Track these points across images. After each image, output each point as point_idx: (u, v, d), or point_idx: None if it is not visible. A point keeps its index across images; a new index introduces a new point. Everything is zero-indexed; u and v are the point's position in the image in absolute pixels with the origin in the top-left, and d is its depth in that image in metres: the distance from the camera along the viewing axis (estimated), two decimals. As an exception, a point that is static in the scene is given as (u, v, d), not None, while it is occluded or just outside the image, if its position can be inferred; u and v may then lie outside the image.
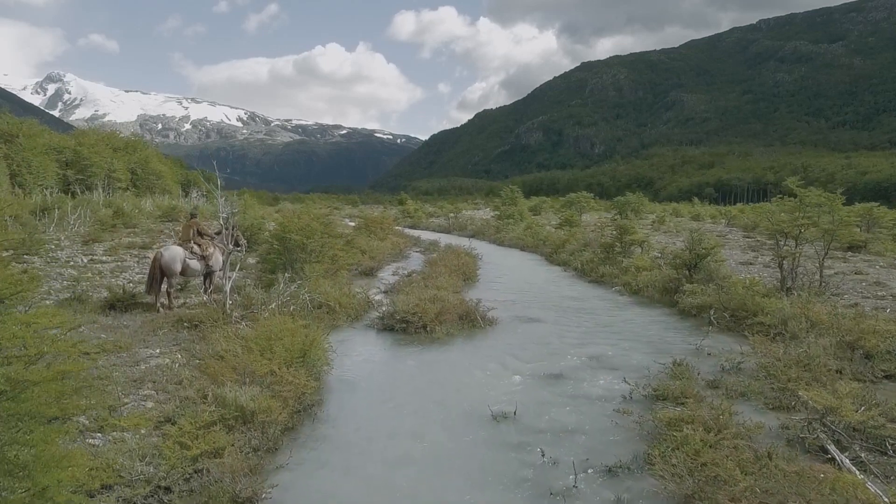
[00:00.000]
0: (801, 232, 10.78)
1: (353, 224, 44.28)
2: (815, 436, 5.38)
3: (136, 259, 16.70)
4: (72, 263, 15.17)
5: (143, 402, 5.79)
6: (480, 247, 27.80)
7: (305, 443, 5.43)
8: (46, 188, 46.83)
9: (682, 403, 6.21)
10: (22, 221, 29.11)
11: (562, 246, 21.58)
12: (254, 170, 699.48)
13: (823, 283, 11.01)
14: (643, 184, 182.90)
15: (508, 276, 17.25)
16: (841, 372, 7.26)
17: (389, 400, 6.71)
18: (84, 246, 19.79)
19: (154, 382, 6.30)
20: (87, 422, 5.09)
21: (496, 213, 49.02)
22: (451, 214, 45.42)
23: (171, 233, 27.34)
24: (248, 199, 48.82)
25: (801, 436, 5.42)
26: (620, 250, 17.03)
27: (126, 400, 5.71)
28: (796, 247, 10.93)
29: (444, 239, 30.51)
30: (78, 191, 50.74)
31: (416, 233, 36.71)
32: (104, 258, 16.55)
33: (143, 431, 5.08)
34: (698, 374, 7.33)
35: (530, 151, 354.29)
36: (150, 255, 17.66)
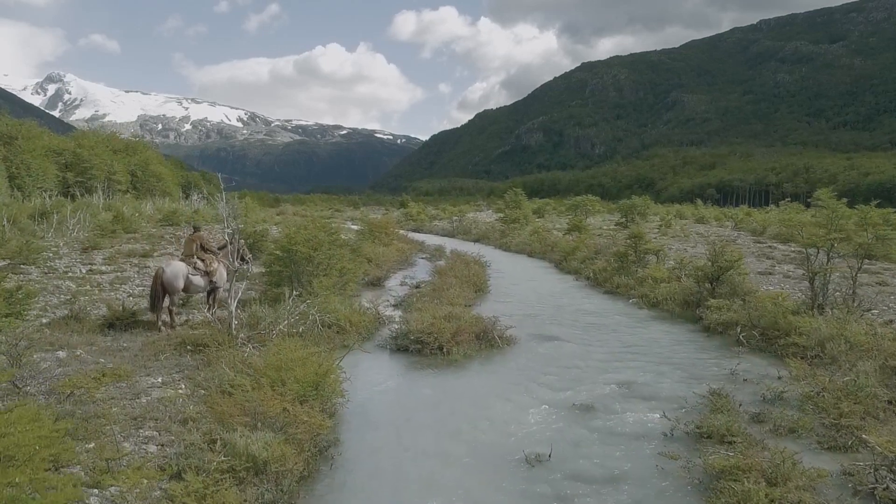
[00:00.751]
0: (833, 246, 10.28)
1: (355, 227, 43.81)
2: (885, 486, 4.88)
3: (137, 269, 16.19)
4: (70, 274, 14.66)
5: (144, 446, 5.29)
6: (486, 252, 27.28)
7: (323, 494, 4.93)
8: (46, 191, 46.35)
9: (730, 443, 5.72)
10: (20, 226, 28.61)
11: (571, 253, 21.08)
12: (254, 170, 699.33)
13: (856, 300, 10.51)
14: (644, 184, 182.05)
15: (520, 285, 16.74)
16: (893, 402, 6.77)
17: (409, 437, 6.21)
18: (83, 254, 19.30)
19: (156, 421, 5.79)
20: (83, 474, 4.59)
21: (500, 215, 48.53)
22: (455, 217, 44.93)
23: (172, 238, 26.83)
24: (250, 202, 48.36)
25: (870, 486, 4.93)
26: (635, 259, 16.54)
27: (126, 444, 5.21)
28: (828, 262, 10.44)
29: (449, 244, 30.02)
30: (78, 193, 50.26)
31: (419, 237, 36.22)
32: (103, 268, 16.04)
33: (145, 482, 4.58)
34: (739, 405, 6.83)
35: (531, 152, 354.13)
36: (151, 264, 17.17)
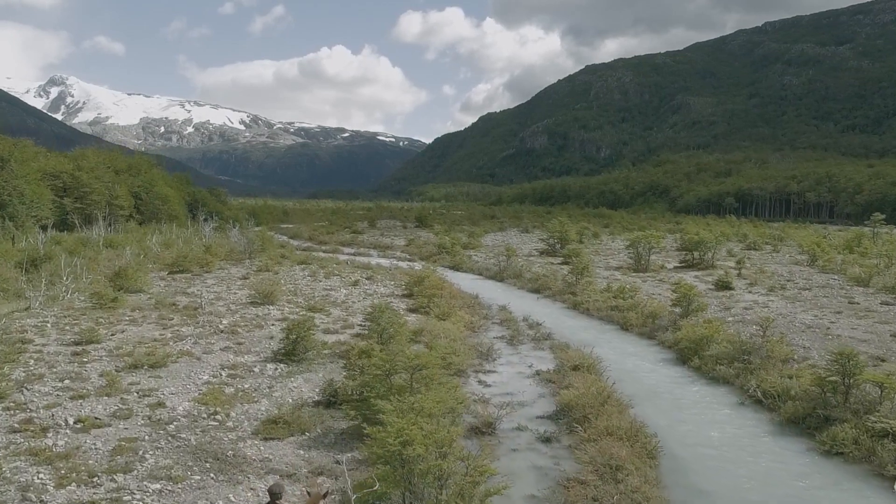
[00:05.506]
0: None
1: (384, 262, 38.91)
2: None
3: (147, 412, 11.30)
4: (48, 439, 9.83)
5: None
6: (560, 318, 22.54)
7: None
8: (40, 220, 41.32)
9: None
10: (4, 285, 23.78)
11: (702, 345, 16.31)
12: (256, 172, 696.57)
13: None
14: (658, 192, 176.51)
15: (691, 443, 11.80)
16: None
17: None
18: (74, 355, 14.54)
19: None
20: None
21: (545, 246, 43.97)
22: (504, 238, 40.11)
23: (184, 300, 22.06)
24: (264, 233, 43.51)
25: None
26: (843, 389, 11.77)
27: None
28: None
29: (509, 299, 25.26)
30: (76, 222, 45.39)
31: (464, 280, 31.45)
32: (98, 413, 11.16)
33: None
34: None
35: (535, 155, 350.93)
36: (166, 393, 12.35)
